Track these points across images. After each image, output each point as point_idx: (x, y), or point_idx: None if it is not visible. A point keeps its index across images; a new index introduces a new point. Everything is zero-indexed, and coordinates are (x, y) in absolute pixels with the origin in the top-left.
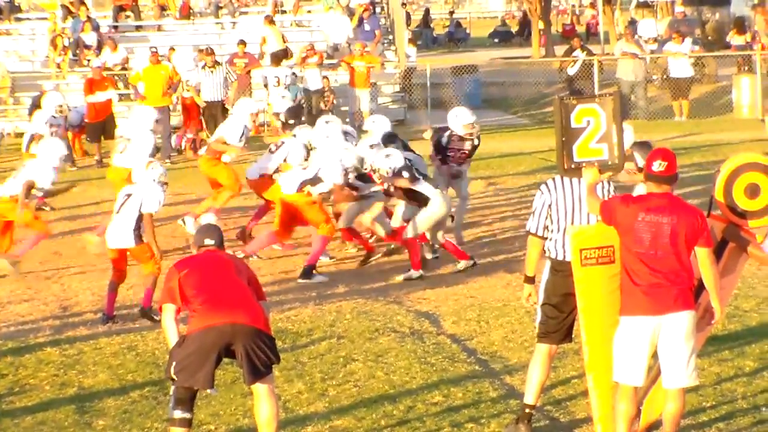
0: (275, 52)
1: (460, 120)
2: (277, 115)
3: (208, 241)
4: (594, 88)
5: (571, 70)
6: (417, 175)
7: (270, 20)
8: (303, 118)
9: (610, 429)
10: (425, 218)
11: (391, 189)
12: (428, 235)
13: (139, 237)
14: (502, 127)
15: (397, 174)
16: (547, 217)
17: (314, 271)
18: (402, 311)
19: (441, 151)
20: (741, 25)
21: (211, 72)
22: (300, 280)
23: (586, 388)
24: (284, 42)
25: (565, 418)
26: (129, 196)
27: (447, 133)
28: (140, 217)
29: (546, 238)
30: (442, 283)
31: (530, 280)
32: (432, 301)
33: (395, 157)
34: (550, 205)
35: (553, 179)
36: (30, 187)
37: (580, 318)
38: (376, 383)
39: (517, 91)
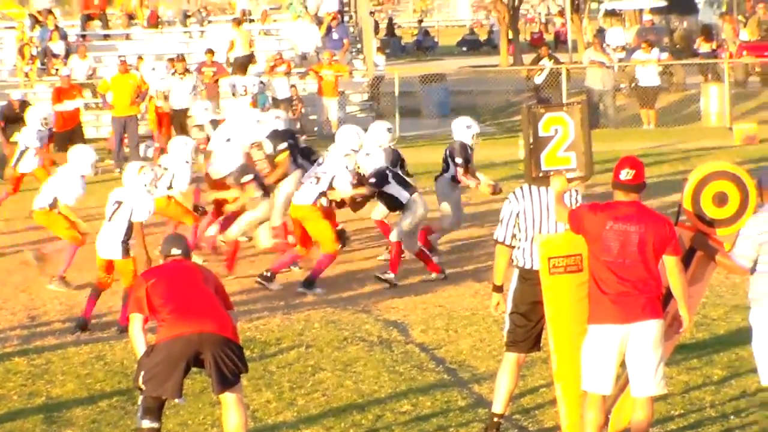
0: (240, 58)
1: (471, 130)
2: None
3: (175, 251)
4: (562, 96)
5: (539, 79)
6: (391, 180)
7: (238, 23)
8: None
9: None
10: (407, 222)
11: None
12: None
13: (126, 250)
14: None
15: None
16: (515, 226)
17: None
18: (370, 320)
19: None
20: (708, 32)
21: (181, 79)
22: (300, 289)
23: (554, 397)
24: (250, 47)
25: (533, 426)
26: (119, 203)
27: (462, 144)
28: (130, 226)
29: (514, 247)
30: (410, 292)
31: (498, 289)
32: (400, 309)
33: (375, 158)
34: (518, 214)
35: (521, 188)
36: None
37: (548, 326)
38: (345, 392)
39: (486, 99)
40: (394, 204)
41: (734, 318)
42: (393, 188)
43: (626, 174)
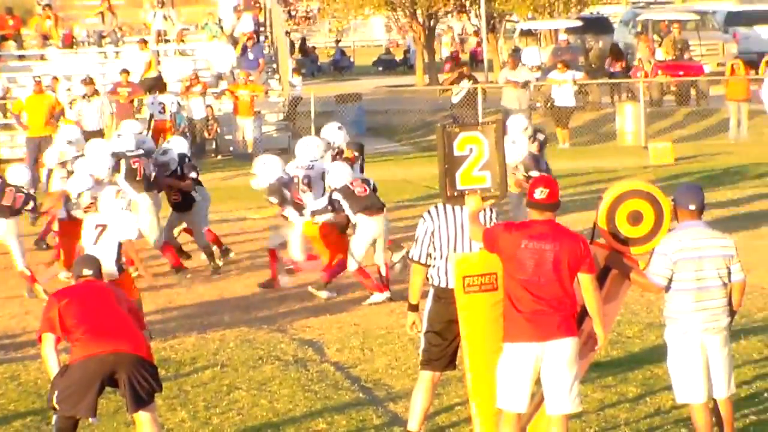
0: (148, 79)
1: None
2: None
3: (87, 272)
4: (478, 116)
5: (455, 98)
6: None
7: (144, 43)
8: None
9: None
10: (356, 243)
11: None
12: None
13: (120, 267)
14: (386, 155)
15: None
16: (429, 245)
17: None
18: (286, 339)
19: None
20: (618, 52)
21: (89, 101)
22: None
23: (469, 415)
24: (156, 69)
25: None
26: (103, 227)
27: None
28: (120, 247)
29: (429, 266)
30: (325, 311)
31: (414, 308)
32: (316, 329)
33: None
34: (432, 233)
35: (436, 207)
36: None
37: (463, 345)
38: (260, 411)
39: (402, 119)
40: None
41: (649, 336)
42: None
43: (540, 193)
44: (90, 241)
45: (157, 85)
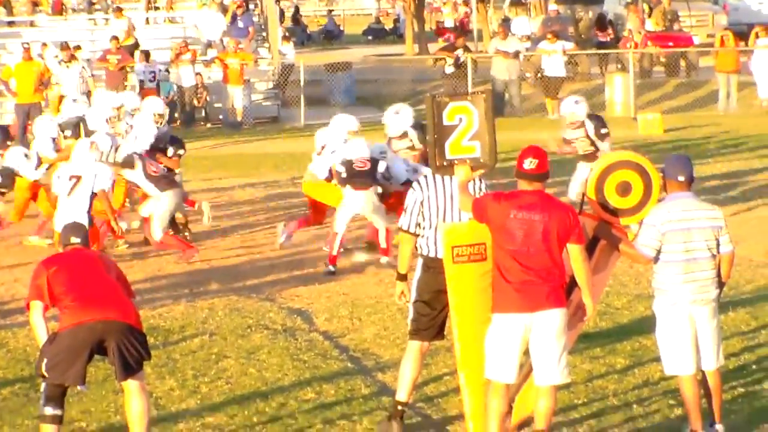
0: (124, 47)
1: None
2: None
3: (74, 239)
4: (468, 86)
5: (449, 69)
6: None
7: (120, 11)
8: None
9: (482, 426)
10: (339, 214)
11: None
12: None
13: (91, 220)
14: (376, 125)
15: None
16: (419, 214)
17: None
18: (274, 308)
19: None
20: (603, 22)
21: (67, 67)
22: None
23: (458, 385)
24: (133, 36)
25: (437, 414)
26: (77, 178)
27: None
28: (92, 197)
29: (418, 235)
30: (314, 280)
31: (403, 277)
32: (304, 298)
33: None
34: (422, 202)
35: (425, 176)
36: None
37: (451, 315)
38: (248, 380)
39: (391, 88)
40: None
41: (637, 307)
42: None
43: (530, 163)
44: (64, 192)
45: (133, 53)
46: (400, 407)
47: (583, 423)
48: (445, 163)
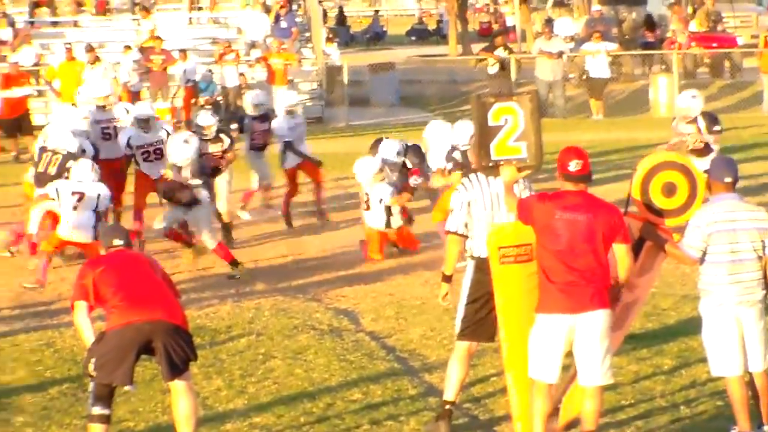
0: (146, 48)
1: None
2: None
3: (117, 242)
4: (511, 87)
5: (492, 69)
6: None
7: (147, 12)
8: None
9: (529, 426)
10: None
11: None
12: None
13: (96, 235)
14: (419, 125)
15: None
16: (467, 215)
17: None
18: (321, 308)
19: None
20: (652, 23)
21: (91, 68)
22: None
23: (505, 386)
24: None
25: (484, 415)
26: (81, 194)
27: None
28: (98, 215)
29: (466, 237)
30: (360, 280)
31: (448, 279)
32: (351, 298)
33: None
34: (469, 203)
35: (469, 177)
36: None
37: (498, 316)
38: (295, 380)
39: (434, 88)
40: None
41: (684, 308)
42: None
43: (576, 165)
44: (69, 206)
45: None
46: (447, 407)
47: (631, 424)
48: (490, 164)
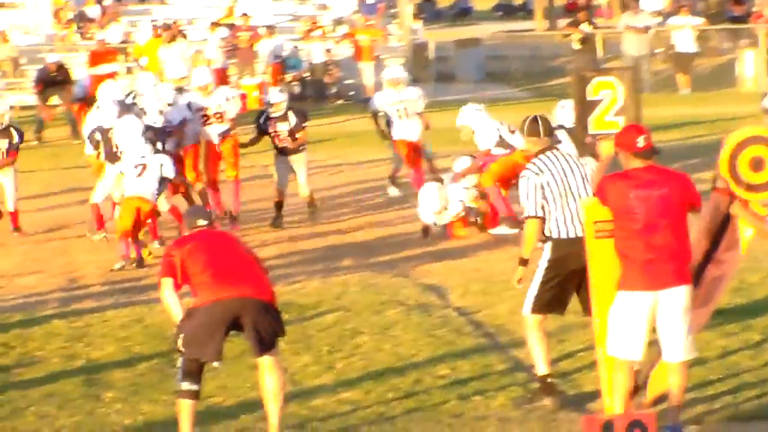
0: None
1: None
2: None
3: (201, 222)
4: (597, 62)
5: (576, 45)
6: None
7: None
8: None
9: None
10: None
11: None
12: None
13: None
14: (505, 101)
15: None
16: (542, 198)
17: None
18: (408, 284)
19: None
20: None
21: (167, 47)
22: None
23: (592, 361)
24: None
25: (573, 390)
26: (143, 166)
27: None
28: (162, 181)
29: (544, 219)
30: (447, 256)
31: (525, 262)
32: (438, 274)
33: None
34: (542, 185)
35: (534, 162)
36: None
37: (591, 291)
38: (383, 356)
39: (521, 64)
40: None
41: None
42: None
43: (643, 140)
44: (134, 173)
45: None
46: (549, 380)
47: (719, 399)
48: (588, 139)
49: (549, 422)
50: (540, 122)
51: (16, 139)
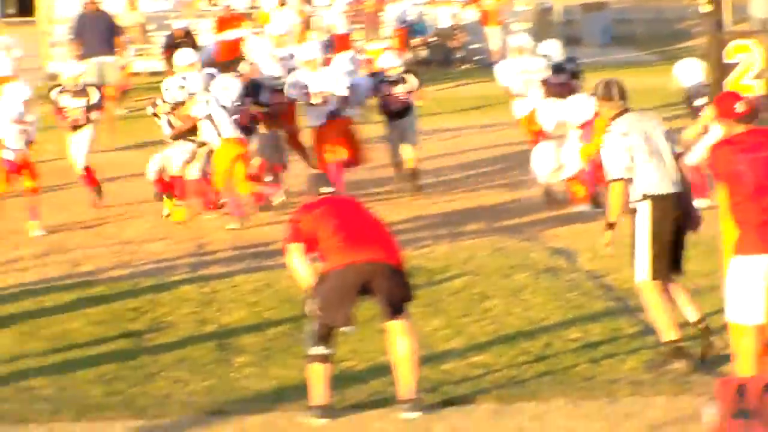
0: None
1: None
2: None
3: (325, 189)
4: (723, 25)
5: (703, 8)
6: None
7: None
8: None
9: (746, 366)
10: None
11: None
12: None
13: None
14: (632, 65)
15: None
16: (629, 158)
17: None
18: (537, 248)
19: None
20: None
21: (278, 9)
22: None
23: (722, 325)
24: None
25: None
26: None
27: None
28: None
29: (630, 181)
30: (575, 219)
31: (612, 226)
32: (566, 237)
33: None
34: (628, 147)
35: (613, 126)
36: None
37: (723, 251)
38: (513, 320)
39: (647, 27)
40: None
41: None
42: None
43: (741, 105)
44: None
45: None
46: (680, 345)
47: None
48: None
49: (681, 385)
50: (614, 85)
51: (94, 99)
